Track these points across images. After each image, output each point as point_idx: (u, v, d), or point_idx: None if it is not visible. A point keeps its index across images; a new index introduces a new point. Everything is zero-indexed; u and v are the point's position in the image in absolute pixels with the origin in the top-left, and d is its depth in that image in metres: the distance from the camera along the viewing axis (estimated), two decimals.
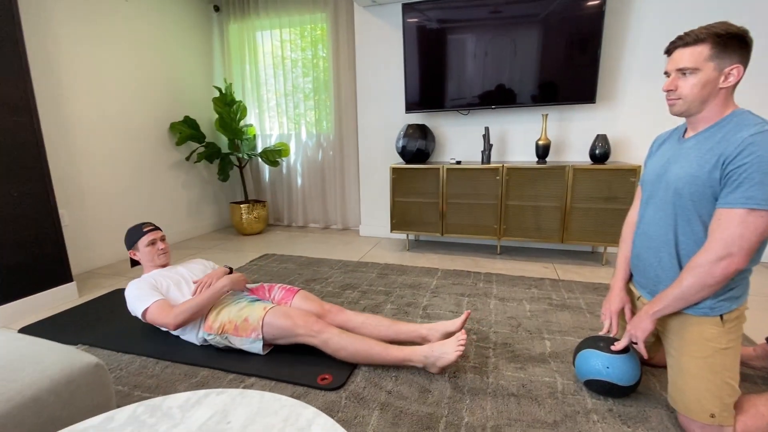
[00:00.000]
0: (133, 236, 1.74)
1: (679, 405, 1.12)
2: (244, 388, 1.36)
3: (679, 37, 1.06)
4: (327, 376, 1.38)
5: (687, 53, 1.04)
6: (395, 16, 3.00)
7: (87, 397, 0.94)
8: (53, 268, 2.12)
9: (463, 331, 1.39)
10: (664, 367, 1.42)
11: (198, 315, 1.54)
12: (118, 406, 1.23)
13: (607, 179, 2.41)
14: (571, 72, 2.56)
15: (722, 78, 1.02)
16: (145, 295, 1.57)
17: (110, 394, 1.00)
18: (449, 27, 2.74)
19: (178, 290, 1.65)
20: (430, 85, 2.88)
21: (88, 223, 2.69)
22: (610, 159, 2.72)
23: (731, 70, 1.01)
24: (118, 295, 2.22)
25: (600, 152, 2.47)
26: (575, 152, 2.80)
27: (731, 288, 1.05)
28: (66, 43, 2.51)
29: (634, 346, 1.19)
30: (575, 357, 1.32)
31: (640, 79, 2.59)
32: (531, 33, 2.58)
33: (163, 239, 1.77)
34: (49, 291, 2.10)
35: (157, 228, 1.78)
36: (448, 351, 1.34)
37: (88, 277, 2.56)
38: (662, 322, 1.20)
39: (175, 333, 1.66)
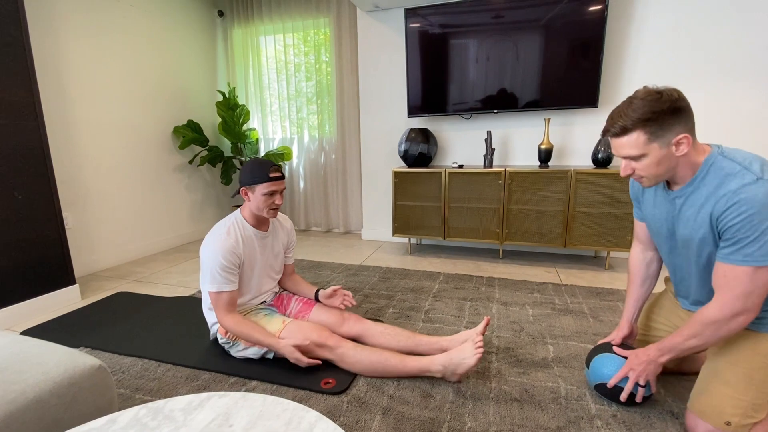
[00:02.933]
0: (255, 175, 1.45)
1: (695, 405, 1.10)
2: (245, 391, 1.36)
3: (606, 129, 1.03)
4: (330, 381, 1.38)
5: (624, 142, 1.00)
6: (398, 20, 3.02)
7: (89, 399, 0.94)
8: (56, 271, 2.13)
9: (477, 331, 1.37)
10: (680, 373, 1.41)
11: (245, 340, 1.48)
12: (121, 409, 1.23)
13: (610, 183, 2.40)
14: (573, 76, 2.57)
15: (674, 148, 0.98)
16: (222, 277, 1.41)
17: (112, 396, 1.00)
18: (451, 32, 2.75)
19: (251, 282, 1.56)
20: (432, 90, 2.88)
21: (91, 226, 2.70)
22: (613, 163, 2.71)
23: (679, 140, 0.97)
24: (121, 298, 2.22)
25: (603, 156, 2.46)
26: (578, 156, 2.80)
27: None
28: (72, 47, 2.54)
29: (641, 387, 1.17)
30: (590, 360, 1.30)
31: (642, 83, 2.59)
32: (533, 38, 2.59)
33: (282, 192, 1.51)
34: (52, 293, 2.10)
35: (282, 176, 1.49)
36: (466, 356, 1.31)
37: (90, 280, 2.57)
38: None
39: (203, 306, 1.60)
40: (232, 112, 3.38)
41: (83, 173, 2.64)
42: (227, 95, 3.35)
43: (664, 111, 0.95)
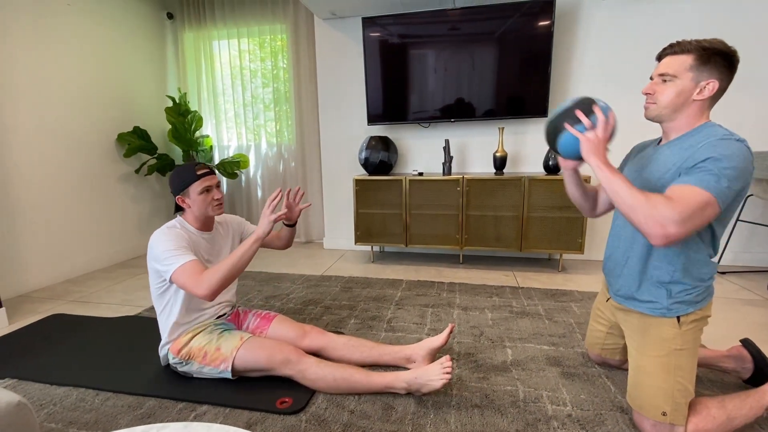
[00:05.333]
0: (183, 179, 1.39)
1: (634, 402, 1.17)
2: (195, 417, 1.27)
3: (670, 45, 1.10)
4: (287, 400, 1.32)
5: (672, 61, 1.08)
6: (355, 29, 3.02)
7: None
8: None
9: (447, 357, 1.29)
10: (626, 369, 1.47)
11: (233, 278, 1.29)
12: None
13: (561, 189, 2.52)
14: (524, 87, 2.68)
15: (697, 90, 1.05)
16: (177, 251, 1.30)
17: None
18: (409, 42, 2.79)
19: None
20: (391, 98, 2.90)
21: (21, 242, 2.45)
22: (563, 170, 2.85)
23: (707, 84, 1.04)
24: (55, 321, 2.02)
25: (553, 163, 2.58)
26: (530, 164, 2.92)
27: (689, 293, 1.10)
28: None
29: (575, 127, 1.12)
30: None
31: (586, 94, 2.75)
32: (487, 50, 2.68)
33: (218, 186, 1.45)
34: None
35: (212, 171, 1.45)
36: (432, 378, 1.27)
37: (21, 302, 2.32)
38: (627, 323, 1.25)
39: (158, 315, 1.46)
40: (182, 118, 3.22)
41: (11, 184, 2.39)
42: (177, 101, 3.19)
43: (721, 51, 1.02)
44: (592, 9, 2.65)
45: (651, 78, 1.15)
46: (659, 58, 1.14)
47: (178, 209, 1.47)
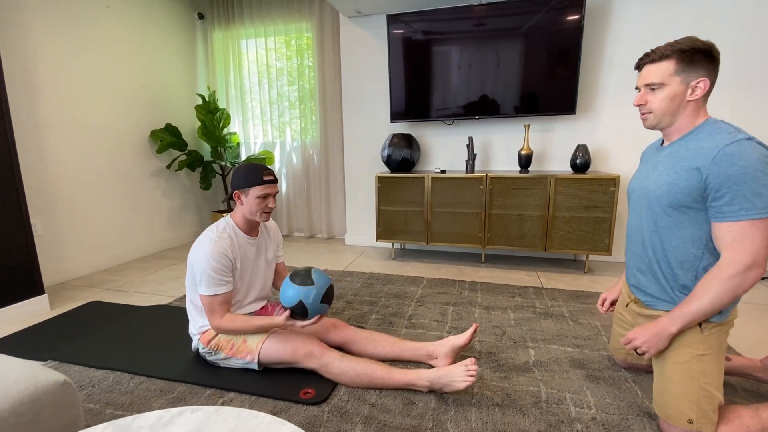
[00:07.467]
0: (249, 178, 1.42)
1: (660, 410, 1.14)
2: (222, 403, 1.32)
3: (647, 54, 1.11)
4: (310, 390, 1.35)
5: (654, 69, 1.08)
6: (380, 27, 3.03)
7: (52, 417, 0.89)
8: (23, 280, 2.03)
9: (473, 359, 1.28)
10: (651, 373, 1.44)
11: (240, 334, 1.45)
12: (87, 426, 1.18)
13: (588, 188, 2.46)
14: (552, 84, 2.62)
15: (689, 91, 1.06)
16: (215, 279, 1.37)
17: (78, 413, 0.95)
18: (434, 38, 2.78)
19: (240, 290, 1.52)
20: (415, 95, 2.90)
21: (62, 233, 2.59)
22: (591, 168, 2.77)
23: (698, 83, 1.04)
24: (93, 308, 2.14)
25: (581, 162, 2.52)
26: (557, 162, 2.85)
27: None
28: (42, 48, 2.45)
29: (639, 354, 1.15)
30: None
31: (617, 91, 2.67)
32: (513, 46, 2.64)
33: (275, 196, 1.50)
34: (17, 304, 2.00)
35: (276, 180, 1.48)
36: (455, 380, 1.26)
37: (61, 289, 2.47)
38: None
39: (189, 303, 1.52)
40: (211, 115, 3.32)
41: (53, 178, 2.54)
42: (207, 99, 3.29)
43: (700, 50, 1.03)
44: (623, 2, 2.56)
45: (637, 88, 1.14)
46: (638, 67, 1.14)
47: (228, 199, 1.52)
